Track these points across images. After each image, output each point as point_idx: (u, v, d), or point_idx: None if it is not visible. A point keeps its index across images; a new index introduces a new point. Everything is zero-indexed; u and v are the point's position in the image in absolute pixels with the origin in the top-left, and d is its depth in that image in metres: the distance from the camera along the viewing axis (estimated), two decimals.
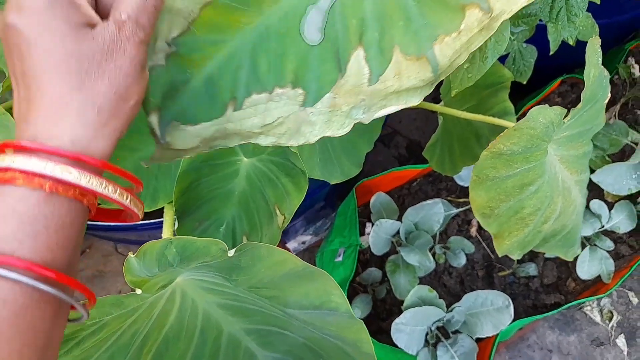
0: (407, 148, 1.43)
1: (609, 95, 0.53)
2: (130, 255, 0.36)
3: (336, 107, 0.31)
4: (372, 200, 0.99)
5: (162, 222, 0.62)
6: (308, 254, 1.29)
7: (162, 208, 0.60)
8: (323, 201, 1.12)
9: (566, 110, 0.49)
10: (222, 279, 0.38)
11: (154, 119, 0.30)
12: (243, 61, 0.32)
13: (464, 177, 0.99)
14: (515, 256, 0.57)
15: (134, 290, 0.38)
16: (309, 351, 0.43)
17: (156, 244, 0.35)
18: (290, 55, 0.32)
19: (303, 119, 0.30)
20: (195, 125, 0.30)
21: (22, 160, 0.25)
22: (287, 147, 0.49)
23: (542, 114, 0.45)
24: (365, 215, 1.08)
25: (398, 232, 0.95)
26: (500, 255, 0.55)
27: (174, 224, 0.52)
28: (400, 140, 1.45)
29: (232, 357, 0.42)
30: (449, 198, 1.08)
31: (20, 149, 0.25)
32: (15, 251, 0.25)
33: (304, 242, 1.22)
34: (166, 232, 0.49)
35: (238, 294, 0.41)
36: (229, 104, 0.31)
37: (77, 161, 0.26)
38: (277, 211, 0.52)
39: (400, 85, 0.31)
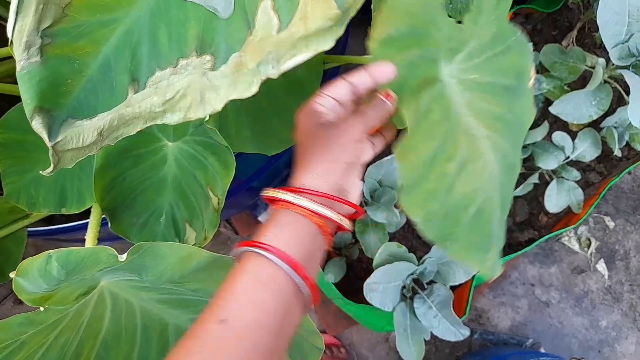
0: None
1: (532, 64, 0.49)
2: (13, 275, 0.34)
3: (242, 67, 0.28)
4: None
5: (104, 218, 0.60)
6: None
7: None
8: (288, 168, 1.10)
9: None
10: (136, 277, 0.37)
11: (37, 123, 0.27)
12: (142, 37, 0.29)
13: None
14: (418, 217, 0.44)
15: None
16: None
17: (35, 261, 0.32)
18: (193, 20, 0.29)
19: (206, 86, 0.28)
20: (92, 118, 0.28)
21: (306, 202, 0.37)
22: (207, 125, 0.46)
23: None
24: None
25: (362, 192, 0.94)
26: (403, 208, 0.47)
27: (99, 224, 0.49)
28: None
29: None
30: None
31: (300, 192, 0.38)
32: (279, 246, 0.35)
33: None
34: (90, 234, 0.47)
35: (172, 288, 0.40)
36: (129, 87, 0.28)
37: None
38: (211, 193, 0.50)
39: (307, 29, 0.28)
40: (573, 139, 0.98)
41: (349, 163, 0.39)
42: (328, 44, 0.28)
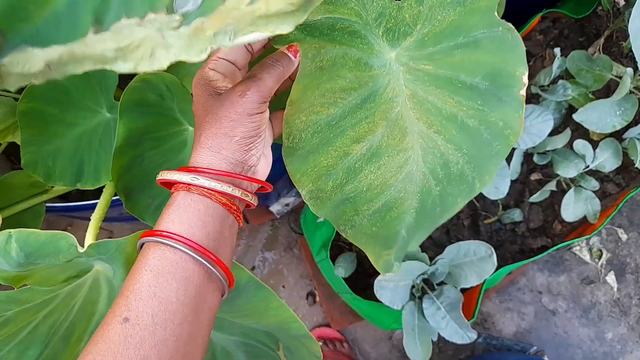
0: None
1: (523, 69, 0.42)
2: None
3: (200, 32, 0.27)
4: None
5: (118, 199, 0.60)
6: (294, 215, 1.28)
7: None
8: None
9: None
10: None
11: None
12: None
13: None
14: (303, 189, 0.42)
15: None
16: (264, 334, 0.41)
17: None
18: None
19: (159, 42, 0.27)
20: (45, 48, 0.27)
21: (202, 180, 0.35)
22: None
23: None
24: None
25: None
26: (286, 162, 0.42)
27: (108, 204, 0.49)
28: None
29: None
30: None
31: (195, 172, 0.36)
32: (198, 240, 0.33)
33: (287, 204, 1.20)
34: (96, 214, 0.46)
35: None
36: (91, 27, 0.28)
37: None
38: None
39: (268, 9, 0.28)
40: (594, 148, 0.97)
41: (246, 138, 0.36)
42: (286, 28, 0.27)
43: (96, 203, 0.64)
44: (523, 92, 0.43)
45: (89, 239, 0.42)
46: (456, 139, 0.43)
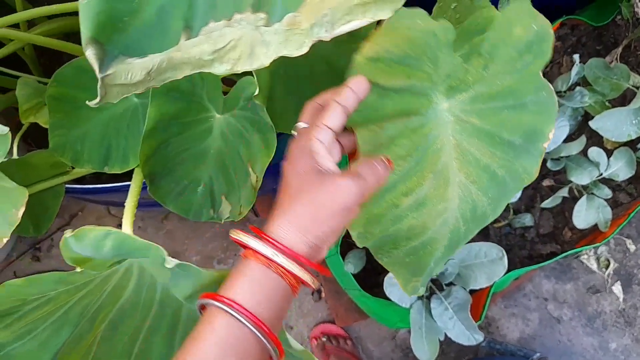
0: None
1: (552, 126, 0.46)
2: (69, 234, 0.34)
3: (295, 26, 0.28)
4: None
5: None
6: None
7: None
8: None
9: (455, 29, 0.41)
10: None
11: (90, 53, 0.27)
12: None
13: None
14: (353, 231, 0.47)
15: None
16: None
17: (94, 231, 0.32)
18: None
19: (257, 40, 0.28)
20: (143, 58, 0.28)
21: (282, 259, 0.35)
22: (255, 101, 0.46)
23: (419, 17, 0.38)
24: None
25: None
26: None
27: (140, 190, 0.50)
28: None
29: (191, 328, 0.42)
30: None
31: (276, 248, 0.35)
32: (266, 320, 0.34)
33: None
34: (131, 198, 0.47)
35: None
36: (182, 33, 0.28)
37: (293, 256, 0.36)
38: (250, 170, 0.49)
39: None
40: (608, 156, 0.97)
41: (335, 231, 0.37)
42: (386, 13, 0.27)
43: (114, 186, 0.65)
44: (546, 144, 0.47)
45: (127, 227, 0.42)
46: (485, 187, 0.47)
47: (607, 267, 1.27)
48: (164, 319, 0.40)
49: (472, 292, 0.91)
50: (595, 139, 1.04)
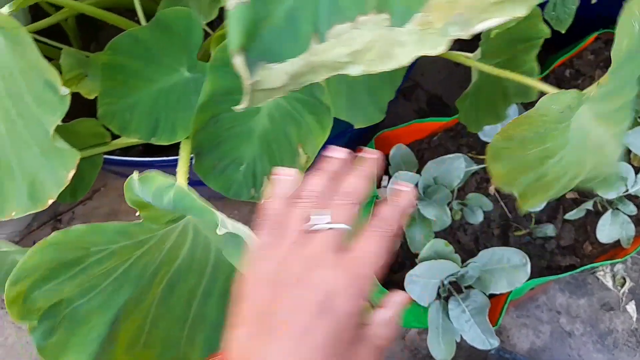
0: (428, 102, 1.39)
1: None
2: (135, 175, 0.35)
3: (427, 26, 0.28)
4: (392, 152, 0.96)
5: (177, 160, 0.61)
6: None
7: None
8: (353, 143, 1.10)
9: (582, 91, 0.45)
10: None
11: (238, 61, 0.28)
12: None
13: (487, 132, 0.96)
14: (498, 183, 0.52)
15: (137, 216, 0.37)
16: None
17: (159, 180, 0.33)
18: None
19: (393, 41, 0.28)
20: (282, 63, 0.28)
21: None
22: (314, 83, 0.46)
23: (554, 102, 0.41)
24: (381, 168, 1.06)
25: (416, 186, 0.93)
26: (523, 213, 0.53)
27: (189, 161, 0.50)
28: (421, 94, 1.41)
29: None
30: (469, 154, 1.06)
31: None
32: None
33: None
34: (181, 169, 0.47)
35: None
36: (312, 38, 0.29)
37: None
38: (300, 150, 0.50)
39: None
40: (635, 173, 0.96)
41: None
42: (523, 10, 0.27)
43: (151, 160, 0.66)
44: None
45: (181, 177, 0.43)
46: (624, 116, 0.56)
47: (622, 285, 1.27)
48: (217, 282, 0.40)
49: (489, 297, 0.91)
50: (625, 154, 1.04)
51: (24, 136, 0.47)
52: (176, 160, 0.69)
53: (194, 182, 0.90)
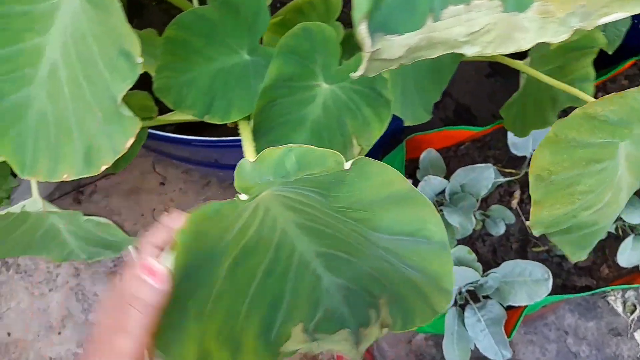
0: (455, 111, 1.40)
1: None
2: (246, 159, 0.36)
3: (548, 14, 0.29)
4: (422, 155, 0.97)
5: (217, 140, 0.62)
6: None
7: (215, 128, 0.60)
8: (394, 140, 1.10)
9: None
10: (315, 195, 0.38)
11: (362, 27, 0.28)
12: None
13: (519, 145, 0.96)
14: (536, 231, 0.56)
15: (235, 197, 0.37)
16: (373, 281, 0.43)
17: (276, 151, 0.34)
18: None
19: (515, 25, 0.29)
20: (401, 35, 0.29)
21: None
22: (384, 75, 0.47)
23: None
24: (408, 171, 1.07)
25: (443, 192, 0.94)
26: (530, 225, 0.54)
27: (253, 139, 0.51)
28: (449, 103, 1.41)
29: (301, 277, 0.43)
30: (496, 166, 1.06)
31: None
32: None
33: None
34: (249, 148, 0.48)
35: (317, 215, 0.41)
36: (428, 15, 0.29)
37: None
38: (355, 142, 0.51)
39: None
40: None
41: None
42: None
43: (190, 139, 0.66)
44: None
45: (250, 155, 0.44)
46: None
47: (632, 312, 1.27)
48: (278, 263, 0.41)
49: (506, 309, 0.92)
50: None
51: (88, 100, 0.48)
52: (215, 140, 0.70)
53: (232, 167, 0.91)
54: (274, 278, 0.40)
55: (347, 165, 0.33)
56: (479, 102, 1.38)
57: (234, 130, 0.78)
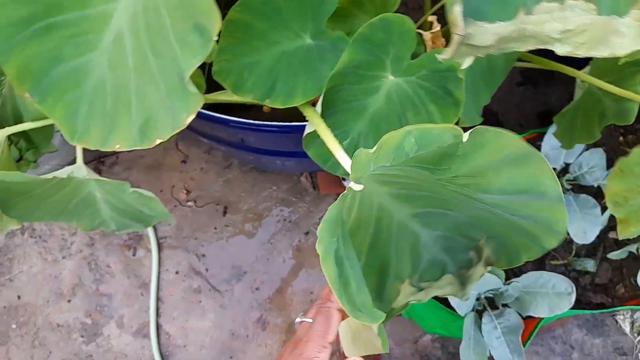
0: (483, 115, 1.39)
1: None
2: (363, 149, 0.35)
3: None
4: None
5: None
6: None
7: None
8: None
9: None
10: (418, 169, 0.38)
11: (457, 10, 0.28)
12: None
13: (550, 157, 0.96)
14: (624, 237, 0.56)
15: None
16: (471, 226, 0.44)
17: (396, 136, 0.33)
18: None
19: (611, 29, 0.28)
20: (492, 24, 0.29)
21: None
22: (450, 73, 0.47)
23: None
24: None
25: None
26: (620, 238, 0.54)
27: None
28: None
29: (402, 240, 0.44)
30: None
31: None
32: None
33: None
34: (324, 130, 0.48)
35: (411, 183, 0.41)
36: (520, 8, 0.29)
37: None
38: None
39: None
40: None
41: None
42: None
43: (232, 119, 0.66)
44: None
45: (337, 149, 0.44)
46: None
47: (639, 333, 1.27)
48: (380, 235, 0.43)
49: (523, 318, 0.92)
50: None
51: (152, 73, 0.47)
52: (258, 124, 0.70)
53: (287, 154, 0.90)
54: (378, 248, 0.42)
55: (465, 136, 0.32)
56: (507, 110, 1.37)
57: (268, 114, 0.78)
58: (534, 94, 1.40)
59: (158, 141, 0.51)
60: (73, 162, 0.63)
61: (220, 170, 1.27)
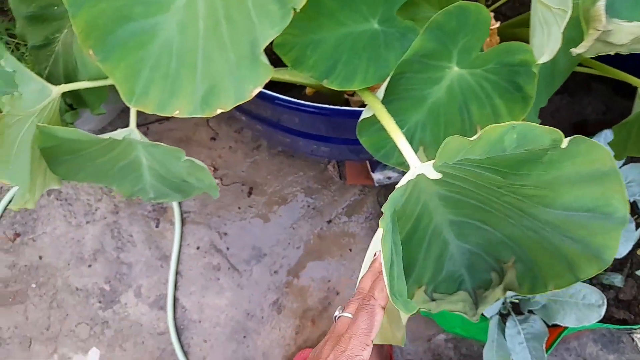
0: None
1: None
2: (458, 136, 0.34)
3: None
4: None
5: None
6: (385, 190, 1.29)
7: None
8: None
9: None
10: (487, 172, 0.37)
11: (602, 5, 0.27)
12: None
13: None
14: None
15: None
16: (502, 246, 0.43)
17: (498, 129, 0.32)
18: None
19: None
20: (630, 23, 0.28)
21: None
22: (522, 67, 0.46)
23: None
24: None
25: None
26: None
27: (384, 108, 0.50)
28: None
29: (432, 245, 0.44)
30: None
31: None
32: None
33: (389, 177, 1.20)
34: (386, 118, 0.47)
35: (464, 186, 0.40)
36: None
37: None
38: (479, 129, 0.49)
39: None
40: None
41: None
42: None
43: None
44: None
45: (401, 139, 0.43)
46: None
47: None
48: (417, 232, 0.43)
49: (549, 327, 0.91)
50: None
51: (223, 40, 0.46)
52: (309, 105, 0.69)
53: (325, 139, 0.89)
54: (409, 247, 0.41)
55: (565, 142, 0.32)
56: (542, 117, 1.36)
57: (310, 97, 0.77)
58: (570, 103, 1.38)
59: (219, 111, 0.50)
60: (99, 131, 0.62)
61: (248, 151, 1.26)
